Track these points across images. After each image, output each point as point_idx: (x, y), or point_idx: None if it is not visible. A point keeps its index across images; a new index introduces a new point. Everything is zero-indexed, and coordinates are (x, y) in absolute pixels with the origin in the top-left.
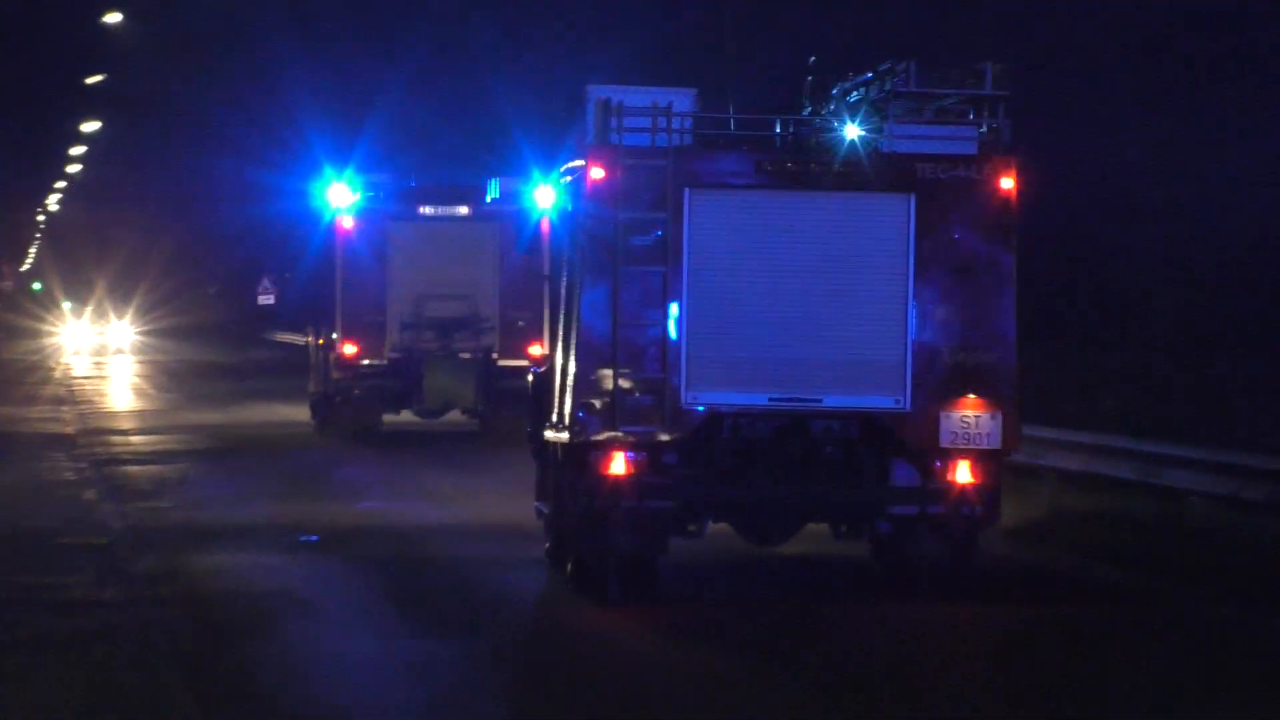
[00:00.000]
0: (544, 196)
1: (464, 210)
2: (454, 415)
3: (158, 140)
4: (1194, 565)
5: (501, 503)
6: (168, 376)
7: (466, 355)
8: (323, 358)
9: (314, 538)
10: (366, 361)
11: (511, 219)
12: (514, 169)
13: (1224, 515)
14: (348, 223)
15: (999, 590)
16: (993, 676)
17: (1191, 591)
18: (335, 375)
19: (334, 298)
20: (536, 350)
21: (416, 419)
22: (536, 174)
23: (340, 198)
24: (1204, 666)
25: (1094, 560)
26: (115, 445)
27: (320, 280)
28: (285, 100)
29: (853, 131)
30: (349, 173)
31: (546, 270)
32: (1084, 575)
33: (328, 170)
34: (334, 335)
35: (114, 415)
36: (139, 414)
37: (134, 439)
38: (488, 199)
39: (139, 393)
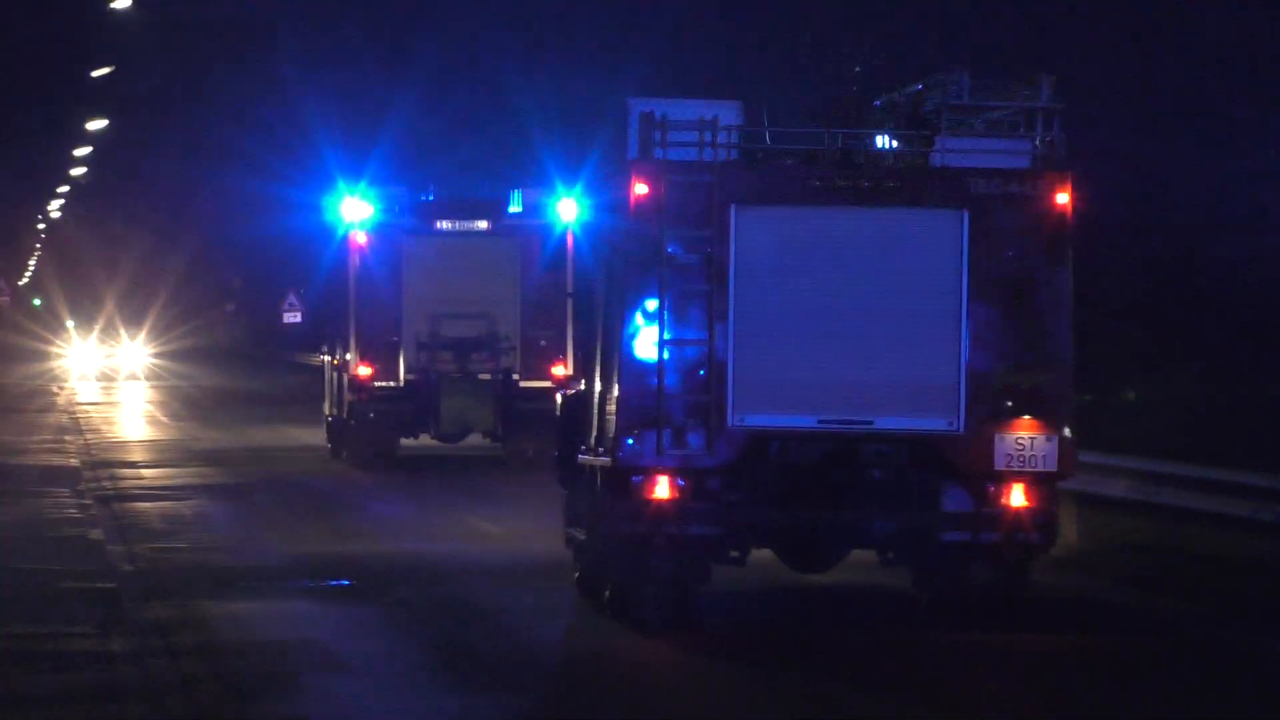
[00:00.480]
0: (567, 210)
1: (483, 224)
2: (474, 439)
3: (168, 141)
4: (1251, 597)
5: (530, 534)
6: (181, 403)
7: (485, 376)
8: (337, 379)
9: (345, 581)
10: (381, 383)
11: (533, 233)
12: (535, 181)
13: None
14: (361, 238)
15: (1045, 619)
16: (1040, 706)
17: (1244, 624)
18: (349, 398)
19: (347, 317)
20: (560, 371)
21: (435, 443)
22: (559, 186)
23: (354, 212)
24: (1253, 703)
25: (1141, 590)
26: (124, 479)
27: (334, 298)
28: (298, 110)
29: (903, 145)
30: (363, 186)
31: (571, 287)
32: (1129, 605)
33: (341, 183)
34: (348, 356)
35: (123, 445)
36: (150, 444)
37: (145, 472)
38: (508, 213)
39: (151, 421)
